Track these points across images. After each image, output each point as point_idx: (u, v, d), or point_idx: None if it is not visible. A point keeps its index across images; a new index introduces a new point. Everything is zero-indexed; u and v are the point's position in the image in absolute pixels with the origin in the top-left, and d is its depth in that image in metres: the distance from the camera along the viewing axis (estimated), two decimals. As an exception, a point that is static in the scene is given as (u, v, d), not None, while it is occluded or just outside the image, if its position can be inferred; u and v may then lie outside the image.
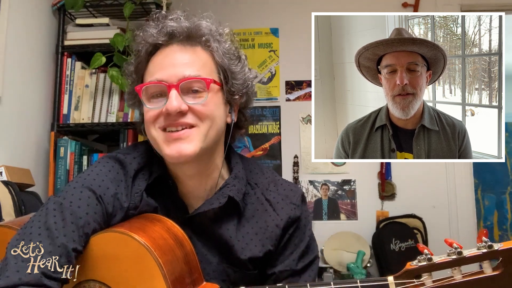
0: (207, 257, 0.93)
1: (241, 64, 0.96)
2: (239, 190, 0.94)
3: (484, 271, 0.67)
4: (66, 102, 2.14)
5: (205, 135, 0.88)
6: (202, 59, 0.91)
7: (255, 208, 0.96)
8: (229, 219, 0.94)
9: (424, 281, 0.69)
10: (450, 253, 0.68)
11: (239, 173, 0.97)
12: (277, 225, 0.94)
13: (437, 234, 2.62)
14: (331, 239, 2.63)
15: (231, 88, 0.93)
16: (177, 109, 0.85)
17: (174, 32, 0.90)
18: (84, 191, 0.86)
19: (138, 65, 0.94)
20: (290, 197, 0.97)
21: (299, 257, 0.95)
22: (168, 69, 0.88)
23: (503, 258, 0.66)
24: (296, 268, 0.94)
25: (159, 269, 0.79)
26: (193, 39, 0.91)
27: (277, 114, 2.83)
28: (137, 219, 0.91)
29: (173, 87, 0.86)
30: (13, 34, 1.86)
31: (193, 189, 0.96)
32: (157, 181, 0.94)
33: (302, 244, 0.96)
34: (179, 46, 0.91)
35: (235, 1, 2.92)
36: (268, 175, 1.01)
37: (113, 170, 0.92)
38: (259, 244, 0.94)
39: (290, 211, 0.95)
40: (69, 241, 0.79)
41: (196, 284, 0.88)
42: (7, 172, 1.69)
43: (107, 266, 0.83)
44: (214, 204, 0.92)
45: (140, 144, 1.00)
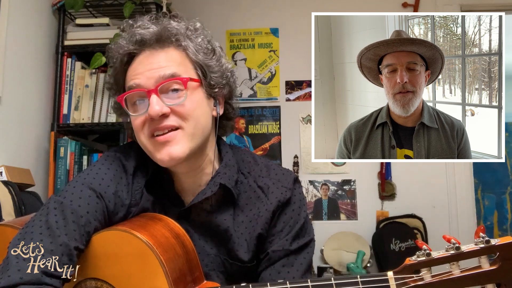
0: (204, 249, 0.94)
1: (216, 57, 0.95)
2: (230, 177, 0.94)
3: (482, 266, 0.68)
4: (66, 102, 2.14)
5: (191, 135, 0.89)
6: (176, 59, 0.91)
7: (248, 196, 0.96)
8: (225, 210, 0.95)
9: (423, 276, 0.70)
10: (448, 248, 0.70)
11: (229, 161, 0.97)
12: (267, 209, 0.94)
13: (437, 234, 2.62)
14: (331, 239, 2.63)
15: (210, 82, 0.93)
16: (159, 113, 0.86)
17: (143, 38, 0.90)
18: (85, 190, 0.87)
19: (115, 76, 0.95)
20: (281, 181, 0.97)
21: (293, 237, 0.94)
22: (144, 74, 0.88)
23: (500, 253, 0.67)
24: (290, 248, 0.93)
25: (161, 267, 0.80)
26: (163, 41, 0.91)
27: (277, 114, 2.83)
28: (138, 217, 0.92)
29: (152, 92, 0.87)
30: (13, 34, 1.86)
31: (189, 185, 0.97)
32: (154, 177, 0.95)
33: (296, 225, 0.95)
34: (151, 50, 0.91)
35: (235, 1, 2.92)
36: (260, 161, 1.01)
37: (112, 168, 0.93)
38: (253, 232, 0.94)
39: (279, 194, 0.95)
40: (70, 239, 0.80)
41: (197, 283, 0.89)
42: (7, 172, 1.69)
43: (108, 264, 0.83)
44: (207, 193, 0.93)
45: (135, 142, 1.01)
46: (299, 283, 0.74)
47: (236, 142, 2.81)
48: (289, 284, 0.74)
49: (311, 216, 2.73)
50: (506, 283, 0.67)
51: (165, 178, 0.96)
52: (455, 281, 0.69)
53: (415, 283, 0.70)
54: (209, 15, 2.82)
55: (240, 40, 2.89)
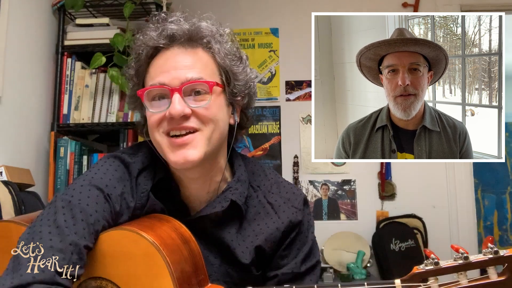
0: (208, 259, 0.93)
1: (243, 65, 0.95)
2: (241, 194, 0.93)
3: (490, 277, 0.68)
4: (66, 102, 2.14)
5: (208, 139, 0.88)
6: (203, 61, 0.90)
7: (257, 211, 0.95)
8: (230, 223, 0.94)
9: (430, 285, 0.70)
10: (456, 258, 0.69)
11: (241, 176, 0.96)
12: (277, 228, 0.94)
13: (437, 234, 2.62)
14: (331, 239, 2.63)
15: (233, 89, 0.93)
16: (181, 113, 0.85)
17: (175, 34, 0.89)
18: (92, 190, 0.86)
19: (139, 68, 0.93)
20: (292, 201, 0.97)
21: (302, 260, 0.95)
22: (170, 73, 0.87)
23: (508, 264, 0.67)
24: (300, 271, 0.94)
25: (167, 268, 0.79)
26: (194, 41, 0.90)
27: (277, 114, 2.83)
28: (146, 218, 0.91)
29: (175, 91, 0.85)
30: (13, 34, 1.86)
31: (196, 192, 0.95)
32: (160, 183, 0.94)
33: (305, 247, 0.96)
34: (180, 48, 0.90)
35: (235, 1, 2.92)
36: (270, 176, 1.01)
37: (119, 170, 0.92)
38: (256, 241, 0.94)
39: (291, 214, 0.95)
40: (80, 238, 0.80)
41: (202, 285, 0.88)
42: (7, 172, 1.69)
43: (114, 263, 0.83)
44: (217, 207, 0.92)
45: (143, 144, 1.00)
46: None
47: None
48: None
49: (311, 216, 2.73)
50: None
51: (172, 185, 0.95)
52: None
53: None
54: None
55: (240, 40, 2.89)
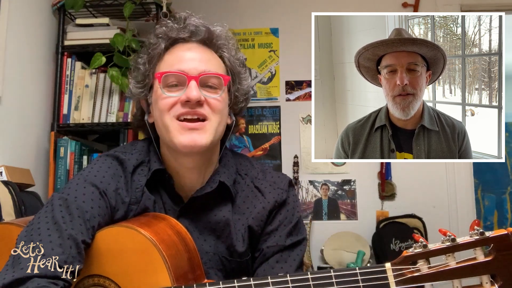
0: (203, 247, 0.96)
1: (247, 72, 1.05)
2: (229, 176, 0.99)
3: (477, 258, 0.70)
4: (66, 102, 2.14)
5: (215, 129, 0.94)
6: (217, 60, 0.99)
7: (245, 195, 1.00)
8: (223, 206, 0.98)
9: (419, 267, 0.72)
10: (444, 240, 0.72)
11: (228, 162, 1.03)
12: (264, 207, 0.98)
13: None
14: (331, 239, 2.63)
15: (235, 92, 1.01)
16: (198, 98, 0.91)
17: (197, 30, 0.97)
18: (88, 187, 0.90)
19: (154, 55, 0.98)
20: (277, 183, 1.02)
21: (287, 234, 0.98)
22: (189, 62, 0.94)
23: (494, 245, 0.69)
24: (285, 244, 0.97)
25: (164, 263, 0.81)
26: (209, 42, 0.98)
27: (277, 114, 2.83)
28: (141, 216, 0.94)
29: (193, 78, 0.92)
30: (13, 34, 1.86)
31: (190, 182, 0.99)
32: (155, 176, 0.97)
33: (290, 224, 0.99)
34: (198, 44, 0.98)
35: (235, 1, 2.92)
36: (257, 166, 1.06)
37: (112, 166, 0.96)
38: (246, 223, 0.98)
39: (277, 195, 1.00)
40: (77, 233, 0.82)
41: (198, 281, 0.89)
42: (7, 172, 1.69)
43: (111, 260, 0.84)
44: (206, 189, 0.96)
45: (137, 142, 1.05)
46: (299, 276, 0.75)
47: (236, 142, 2.81)
48: (290, 277, 0.75)
49: (311, 216, 2.73)
50: (500, 274, 0.69)
51: (166, 178, 0.98)
52: (451, 272, 0.70)
53: (412, 274, 0.72)
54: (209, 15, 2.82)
55: (240, 40, 2.89)
